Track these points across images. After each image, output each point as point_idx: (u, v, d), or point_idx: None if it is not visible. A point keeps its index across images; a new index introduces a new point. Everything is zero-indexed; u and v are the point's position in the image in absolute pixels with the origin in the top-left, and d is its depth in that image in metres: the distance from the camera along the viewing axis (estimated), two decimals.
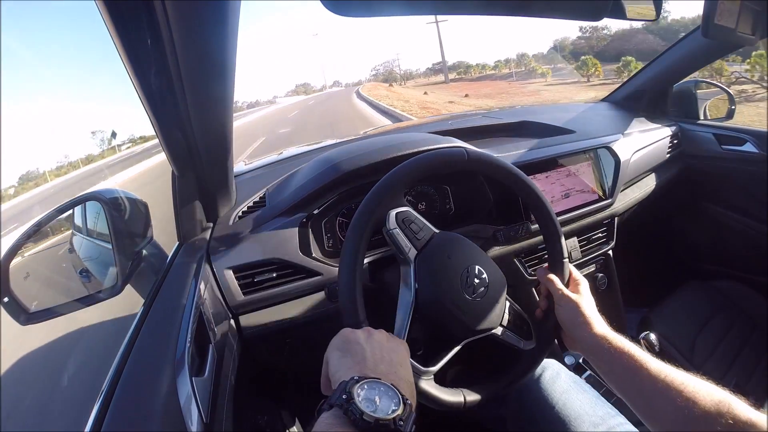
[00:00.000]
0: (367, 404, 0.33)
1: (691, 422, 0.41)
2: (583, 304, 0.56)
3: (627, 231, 1.10)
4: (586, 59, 17.38)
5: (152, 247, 0.73)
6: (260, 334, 0.72)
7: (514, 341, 0.58)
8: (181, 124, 0.58)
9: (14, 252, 0.61)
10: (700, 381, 0.44)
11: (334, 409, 0.34)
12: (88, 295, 0.63)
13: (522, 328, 0.59)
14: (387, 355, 0.42)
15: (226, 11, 0.42)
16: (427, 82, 47.87)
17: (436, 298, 0.52)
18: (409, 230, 0.54)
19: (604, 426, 0.58)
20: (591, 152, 1.01)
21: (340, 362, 0.41)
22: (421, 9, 0.44)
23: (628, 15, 0.60)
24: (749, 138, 1.15)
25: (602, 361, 0.51)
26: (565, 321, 0.56)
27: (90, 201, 0.68)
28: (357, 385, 0.34)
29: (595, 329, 0.53)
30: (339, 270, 0.52)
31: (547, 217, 0.61)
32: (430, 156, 0.56)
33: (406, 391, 0.37)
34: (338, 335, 0.45)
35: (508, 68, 38.75)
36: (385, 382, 0.36)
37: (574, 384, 0.65)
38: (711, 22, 0.75)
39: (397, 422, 0.33)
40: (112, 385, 0.43)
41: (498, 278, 0.58)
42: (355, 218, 0.52)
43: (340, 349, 0.43)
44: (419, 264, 0.53)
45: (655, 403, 0.45)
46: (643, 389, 0.46)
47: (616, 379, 0.50)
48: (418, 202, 0.86)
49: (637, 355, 0.48)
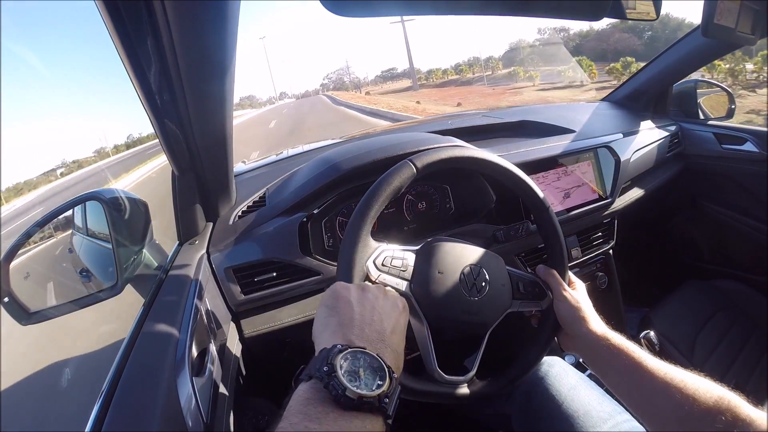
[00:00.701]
0: (349, 378, 0.30)
1: (690, 420, 0.41)
2: (582, 302, 0.56)
3: (627, 230, 1.10)
4: (579, 60, 16.88)
5: (152, 246, 0.73)
6: (260, 333, 0.72)
7: (532, 306, 0.58)
8: (181, 124, 0.58)
9: (14, 252, 0.61)
10: (700, 378, 0.44)
11: (313, 381, 0.31)
12: (88, 295, 0.63)
13: (533, 291, 0.59)
14: (378, 318, 0.39)
15: (225, 11, 0.42)
16: (384, 89, 40.38)
17: (448, 317, 0.52)
18: (393, 268, 0.51)
19: (612, 422, 0.57)
20: (591, 152, 1.01)
21: (325, 323, 0.38)
22: (421, 9, 0.44)
23: (628, 15, 0.60)
24: (749, 137, 1.15)
25: (601, 359, 0.51)
26: (564, 318, 0.55)
27: (90, 201, 0.68)
28: (340, 356, 0.31)
29: (593, 327, 0.53)
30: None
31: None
32: (377, 187, 0.52)
33: (391, 361, 0.35)
34: (330, 289, 0.42)
35: (472, 72, 34.77)
36: (371, 351, 0.33)
37: (581, 380, 0.65)
38: (711, 21, 0.75)
39: (382, 399, 0.30)
40: (112, 385, 0.43)
41: (492, 262, 0.57)
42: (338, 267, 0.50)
43: (328, 305, 0.40)
44: (417, 293, 0.51)
45: (654, 401, 0.44)
46: (642, 387, 0.45)
47: (615, 377, 0.49)
48: (418, 202, 0.86)
49: (635, 354, 0.48)
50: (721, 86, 1.36)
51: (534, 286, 0.59)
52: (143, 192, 1.06)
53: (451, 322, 0.52)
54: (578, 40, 29.43)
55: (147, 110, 0.54)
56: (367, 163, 0.74)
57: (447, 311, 0.52)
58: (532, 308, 0.58)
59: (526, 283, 0.59)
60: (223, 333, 0.65)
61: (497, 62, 31.17)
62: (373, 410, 0.30)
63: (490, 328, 0.55)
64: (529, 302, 0.58)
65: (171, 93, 0.52)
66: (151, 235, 0.74)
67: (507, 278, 0.57)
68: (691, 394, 0.42)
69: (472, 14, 0.46)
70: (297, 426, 0.28)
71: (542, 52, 26.28)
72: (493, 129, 1.16)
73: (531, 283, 0.59)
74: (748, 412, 0.39)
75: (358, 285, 0.43)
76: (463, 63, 41.76)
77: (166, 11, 0.40)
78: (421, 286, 0.51)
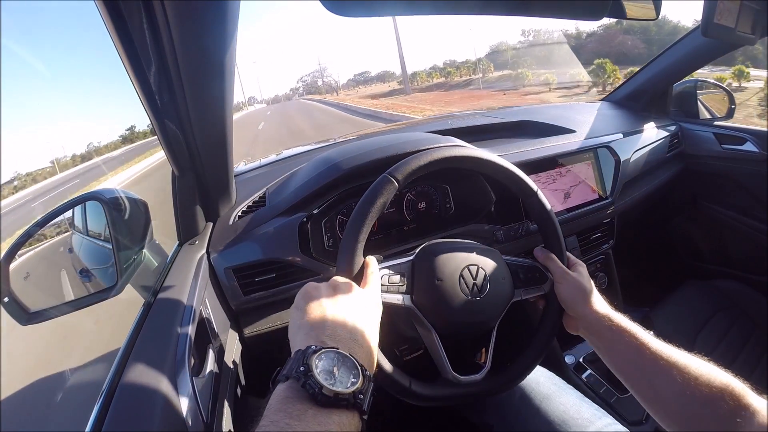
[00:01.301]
0: (325, 376, 0.32)
1: (693, 404, 0.40)
2: (583, 282, 0.55)
3: (627, 230, 1.10)
4: (602, 63, 14.35)
5: (152, 246, 0.73)
6: (260, 333, 0.72)
7: (535, 291, 0.58)
8: (181, 124, 0.58)
9: (14, 252, 0.61)
10: (705, 363, 0.43)
11: (290, 381, 0.32)
12: (88, 295, 0.63)
13: (534, 276, 0.58)
14: (351, 317, 0.39)
15: (225, 11, 0.42)
16: (363, 93, 37.97)
17: (454, 321, 0.52)
18: (391, 285, 0.51)
19: (593, 428, 0.57)
20: (591, 152, 1.01)
21: (299, 324, 0.39)
22: (421, 9, 0.44)
23: (628, 14, 0.60)
24: (749, 137, 1.15)
25: (603, 339, 0.50)
26: (566, 299, 0.55)
27: (90, 201, 0.68)
28: (315, 356, 0.33)
29: (596, 306, 0.52)
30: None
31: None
32: (362, 207, 0.51)
33: (364, 360, 0.36)
34: (301, 290, 0.43)
35: (459, 75, 32.79)
36: (343, 351, 0.35)
37: (555, 388, 0.65)
38: (711, 21, 0.75)
39: (357, 396, 0.32)
40: (112, 385, 0.43)
41: (489, 257, 0.56)
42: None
43: (299, 308, 0.41)
44: (420, 305, 0.52)
45: (656, 383, 0.44)
46: (645, 369, 0.45)
47: (617, 358, 0.49)
48: (418, 202, 0.86)
49: (639, 334, 0.47)
50: (721, 86, 1.36)
51: (534, 271, 0.59)
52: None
53: (458, 326, 0.53)
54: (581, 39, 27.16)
55: (147, 110, 0.54)
56: (367, 163, 0.74)
57: (452, 317, 0.52)
58: (535, 294, 0.58)
59: (525, 269, 0.58)
60: (223, 333, 0.65)
61: (488, 64, 29.32)
62: (348, 406, 0.32)
63: (497, 321, 0.55)
64: (532, 288, 0.58)
65: (171, 93, 0.52)
66: (151, 235, 0.74)
67: (506, 270, 0.57)
68: (694, 378, 0.41)
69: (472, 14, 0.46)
70: (278, 424, 0.29)
71: (547, 52, 24.46)
72: (492, 129, 1.17)
73: (531, 269, 0.59)
74: (753, 401, 0.38)
75: (327, 284, 0.43)
76: (447, 65, 39.84)
77: (166, 11, 0.40)
78: (422, 298, 0.52)
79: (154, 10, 0.40)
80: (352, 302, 0.41)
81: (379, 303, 0.45)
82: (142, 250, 0.70)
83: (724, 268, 1.29)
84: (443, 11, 0.44)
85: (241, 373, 0.68)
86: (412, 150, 0.75)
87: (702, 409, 0.40)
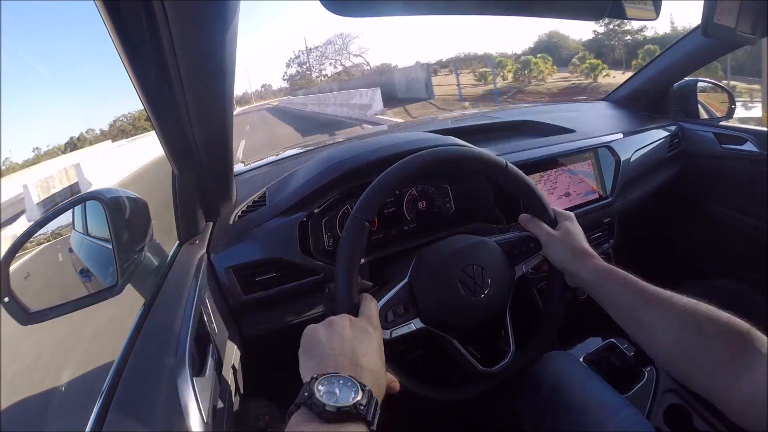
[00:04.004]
0: (328, 397, 0.35)
1: (697, 345, 0.42)
2: (571, 240, 0.55)
3: (627, 230, 1.10)
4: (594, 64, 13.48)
5: (152, 246, 0.73)
6: (261, 333, 0.72)
7: (535, 259, 0.59)
8: (181, 124, 0.58)
9: (14, 252, 0.61)
10: (702, 305, 0.45)
11: (301, 408, 0.36)
12: (88, 295, 0.63)
13: (528, 246, 0.59)
14: (349, 347, 0.42)
15: (225, 12, 0.42)
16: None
17: (467, 325, 0.53)
18: (397, 317, 0.51)
19: (618, 417, 0.57)
20: (591, 151, 1.01)
21: (306, 365, 0.42)
22: (421, 9, 0.44)
23: (628, 15, 0.60)
24: (749, 137, 1.15)
25: (601, 292, 0.52)
26: (556, 261, 0.56)
27: (90, 201, 0.68)
28: (317, 382, 0.36)
29: (587, 264, 0.53)
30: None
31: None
32: (344, 255, 0.51)
33: (367, 380, 0.39)
34: (303, 334, 0.46)
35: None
36: (344, 375, 0.38)
37: (589, 375, 0.65)
38: (711, 21, 0.75)
39: (358, 407, 0.35)
40: (112, 385, 0.43)
41: (482, 250, 0.56)
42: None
43: (304, 351, 0.44)
44: (431, 323, 0.52)
45: (654, 329, 0.46)
46: (644, 316, 0.47)
47: (617, 309, 0.50)
48: (418, 201, 0.86)
49: (635, 282, 0.49)
50: (721, 86, 1.36)
51: (528, 241, 0.59)
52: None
53: (472, 326, 0.54)
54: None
55: (147, 110, 0.53)
56: (368, 163, 0.74)
57: (464, 321, 0.53)
58: (536, 261, 0.58)
59: (519, 243, 0.59)
60: (223, 333, 0.64)
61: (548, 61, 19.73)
62: (353, 417, 0.35)
63: (507, 304, 0.56)
64: (530, 258, 0.58)
65: (171, 93, 0.52)
66: (152, 234, 0.74)
67: (500, 254, 0.57)
68: (696, 317, 0.43)
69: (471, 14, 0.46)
70: None
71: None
72: (493, 129, 1.17)
73: (524, 241, 0.59)
74: (758, 340, 0.39)
75: (324, 323, 0.46)
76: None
77: (166, 11, 0.40)
78: (430, 316, 0.52)
79: (153, 10, 0.40)
80: (350, 334, 0.44)
81: (377, 326, 0.47)
82: (142, 250, 0.70)
83: (725, 267, 1.29)
84: (443, 11, 0.44)
85: (242, 373, 0.68)
86: (412, 149, 0.75)
87: (705, 352, 0.41)
